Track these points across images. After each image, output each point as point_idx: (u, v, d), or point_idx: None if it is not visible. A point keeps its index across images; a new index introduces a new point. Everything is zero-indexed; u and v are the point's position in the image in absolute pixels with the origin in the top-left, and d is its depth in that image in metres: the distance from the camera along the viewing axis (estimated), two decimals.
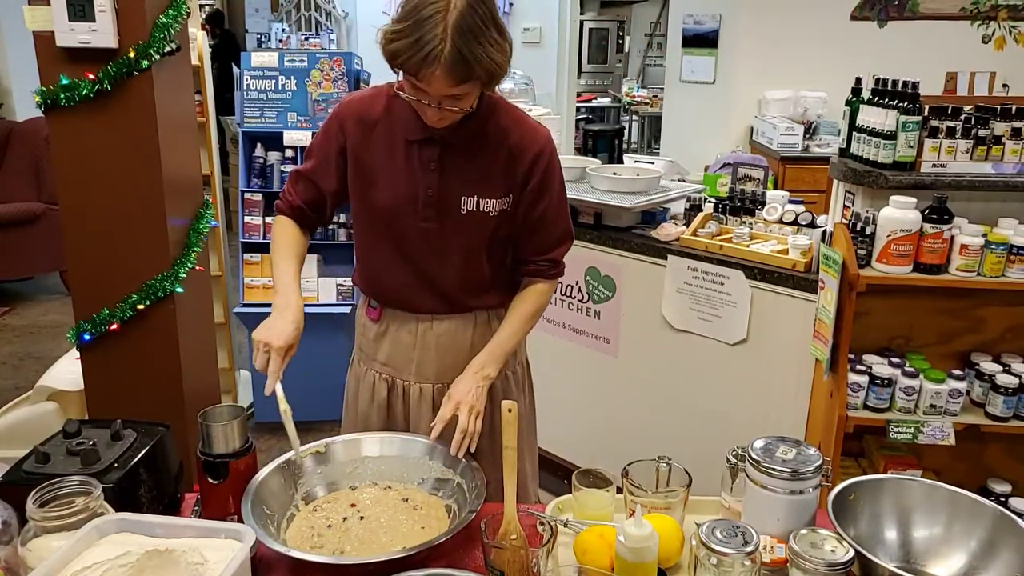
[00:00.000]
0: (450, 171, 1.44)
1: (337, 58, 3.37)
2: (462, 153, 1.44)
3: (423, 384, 1.57)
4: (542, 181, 1.49)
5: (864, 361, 2.04)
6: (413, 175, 1.44)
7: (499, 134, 1.45)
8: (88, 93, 2.06)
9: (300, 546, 1.19)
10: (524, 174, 1.47)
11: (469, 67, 1.24)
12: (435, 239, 1.47)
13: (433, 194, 1.44)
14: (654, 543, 1.04)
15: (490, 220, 1.47)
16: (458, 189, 1.44)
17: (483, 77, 1.28)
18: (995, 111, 2.03)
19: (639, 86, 9.45)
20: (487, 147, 1.45)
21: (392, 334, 1.57)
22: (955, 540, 1.14)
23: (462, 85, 1.27)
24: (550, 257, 1.55)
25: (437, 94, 1.28)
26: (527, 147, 1.46)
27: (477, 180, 1.45)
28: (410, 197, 1.45)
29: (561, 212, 1.55)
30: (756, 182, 2.83)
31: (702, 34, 5.02)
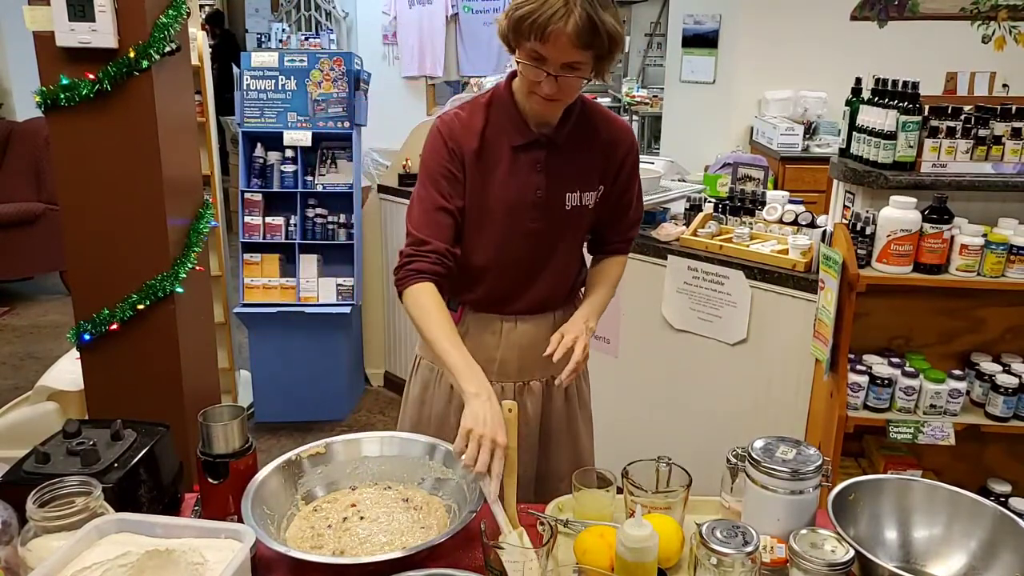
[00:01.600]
0: (554, 171, 1.49)
1: (337, 58, 3.37)
2: (564, 152, 1.50)
3: (504, 383, 1.59)
4: (631, 172, 1.59)
5: (864, 361, 2.04)
6: (521, 179, 1.48)
7: (593, 130, 1.52)
8: (88, 93, 2.06)
9: (300, 546, 1.19)
10: (616, 167, 1.56)
11: (595, 30, 1.27)
12: (542, 239, 1.52)
13: (542, 195, 1.49)
14: (654, 543, 1.04)
15: (588, 212, 1.55)
16: (563, 187, 1.50)
17: (604, 46, 1.31)
18: (995, 111, 2.03)
19: (639, 86, 9.43)
20: (584, 144, 1.52)
21: (474, 335, 1.58)
22: (955, 540, 1.14)
23: (584, 51, 1.30)
24: (628, 237, 1.67)
25: (558, 60, 1.31)
26: (619, 142, 1.55)
27: (578, 176, 1.52)
28: (519, 201, 1.49)
29: (639, 197, 1.66)
30: (756, 182, 2.83)
31: (702, 34, 5.02)
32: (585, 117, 1.53)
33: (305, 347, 3.44)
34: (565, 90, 1.37)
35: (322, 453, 1.36)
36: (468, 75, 5.96)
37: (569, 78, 1.34)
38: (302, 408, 3.52)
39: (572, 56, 1.31)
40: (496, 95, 1.50)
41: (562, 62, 1.31)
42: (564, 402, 1.66)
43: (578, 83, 1.37)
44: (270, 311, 3.36)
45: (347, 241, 3.46)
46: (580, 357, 1.45)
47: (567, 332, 1.48)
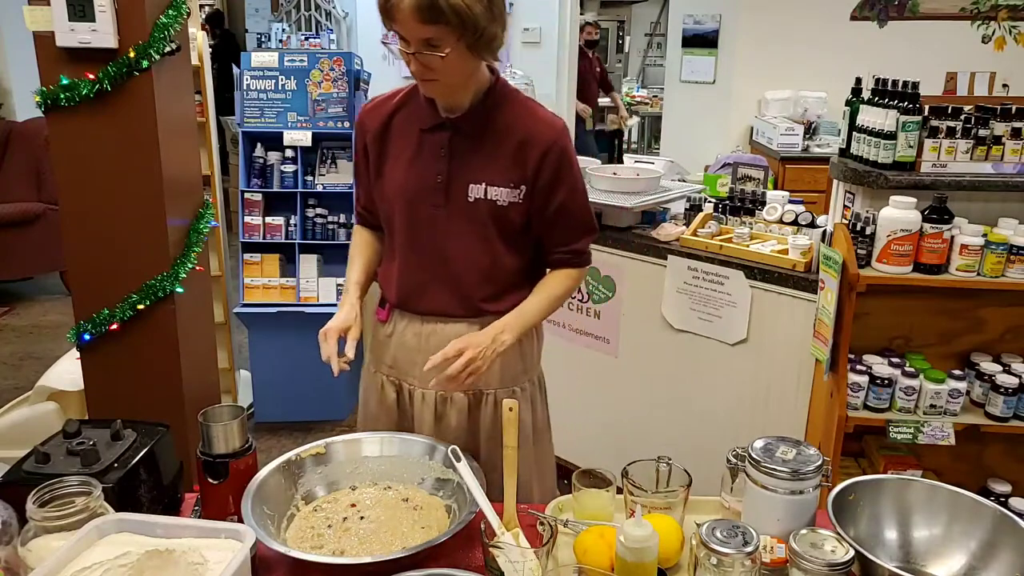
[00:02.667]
0: (458, 158, 1.46)
1: (337, 58, 3.37)
2: (471, 140, 1.46)
3: (426, 391, 1.55)
4: (555, 174, 1.47)
5: (864, 361, 2.04)
6: (424, 162, 1.47)
7: (509, 124, 1.46)
8: (88, 93, 2.06)
9: (300, 546, 1.19)
10: (535, 167, 1.46)
11: (435, 5, 1.24)
12: (444, 225, 1.48)
13: (442, 180, 1.46)
14: (654, 543, 1.04)
15: (500, 210, 1.47)
16: (466, 176, 1.46)
17: (453, 21, 1.26)
18: (995, 111, 2.03)
19: (639, 86, 9.45)
20: (496, 135, 1.46)
21: (398, 336, 1.57)
22: (955, 540, 1.14)
23: (431, 27, 1.27)
24: (572, 249, 1.56)
25: (411, 37, 1.29)
26: (538, 140, 1.45)
27: (485, 167, 1.46)
28: (420, 183, 1.47)
29: (580, 205, 1.53)
30: (756, 182, 2.83)
31: (702, 34, 5.02)
32: (503, 108, 1.46)
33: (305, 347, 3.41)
34: (435, 69, 1.33)
35: (322, 453, 1.36)
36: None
37: (429, 56, 1.30)
38: (302, 408, 3.52)
39: (422, 32, 1.28)
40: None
41: (416, 39, 1.29)
42: (493, 420, 1.55)
43: (448, 61, 1.31)
44: (270, 311, 3.36)
45: (347, 241, 3.44)
46: (455, 370, 1.37)
47: (467, 343, 1.40)
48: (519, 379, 1.59)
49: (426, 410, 1.55)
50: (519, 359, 1.58)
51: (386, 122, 1.52)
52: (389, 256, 1.59)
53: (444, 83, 1.38)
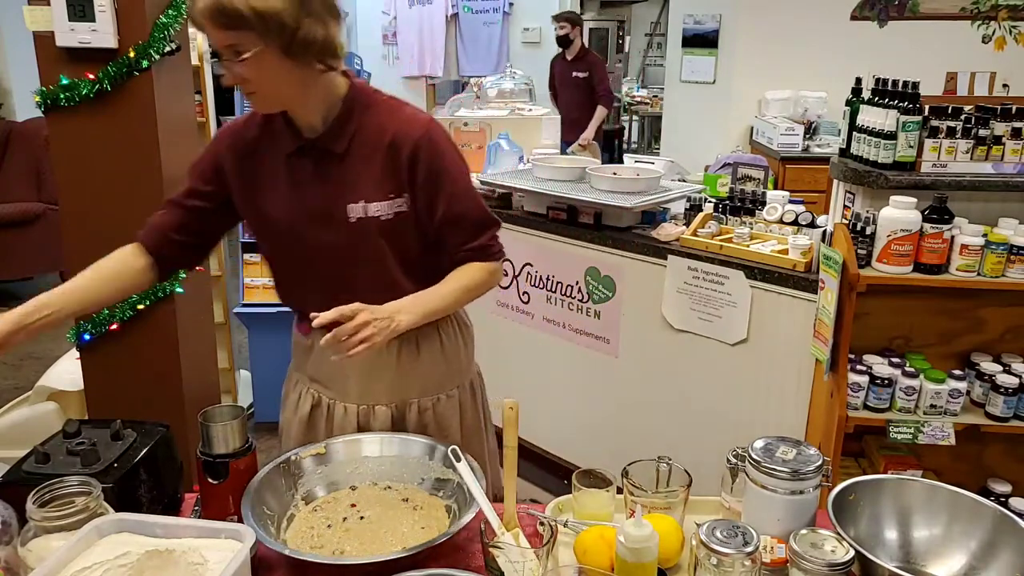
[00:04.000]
0: (330, 178, 1.37)
1: None
2: (339, 157, 1.37)
3: (348, 404, 1.51)
4: (430, 170, 1.37)
5: (864, 361, 2.04)
6: (298, 189, 1.38)
7: (376, 132, 1.36)
8: (88, 93, 2.07)
9: (300, 546, 1.19)
10: (408, 169, 1.36)
11: (223, 8, 1.17)
12: (333, 252, 1.40)
13: (319, 205, 1.37)
14: (654, 543, 1.04)
15: (386, 225, 1.38)
16: (342, 196, 1.37)
17: (253, 22, 1.18)
18: (995, 111, 2.03)
19: (639, 86, 9.45)
20: (365, 148, 1.37)
21: (318, 350, 1.47)
22: (955, 540, 1.14)
23: (232, 32, 1.19)
24: (474, 247, 1.44)
25: (218, 45, 1.22)
26: (404, 140, 1.35)
27: (359, 183, 1.37)
28: (298, 212, 1.38)
29: (468, 198, 1.43)
30: (756, 182, 2.83)
31: (702, 34, 5.03)
32: (365, 115, 1.37)
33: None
34: (251, 80, 1.24)
35: (322, 453, 1.36)
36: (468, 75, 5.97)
37: (241, 61, 1.22)
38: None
39: (225, 39, 1.21)
40: None
41: (221, 47, 1.22)
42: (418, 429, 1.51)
43: (257, 68, 1.23)
44: (270, 311, 3.36)
45: None
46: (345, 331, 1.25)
47: (358, 309, 1.27)
48: (444, 385, 1.55)
49: (348, 424, 1.51)
50: (442, 363, 1.54)
51: (248, 150, 1.41)
52: (284, 279, 1.52)
53: (267, 95, 1.29)
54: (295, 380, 1.59)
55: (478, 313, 3.34)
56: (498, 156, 3.24)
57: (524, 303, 3.01)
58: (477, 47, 5.98)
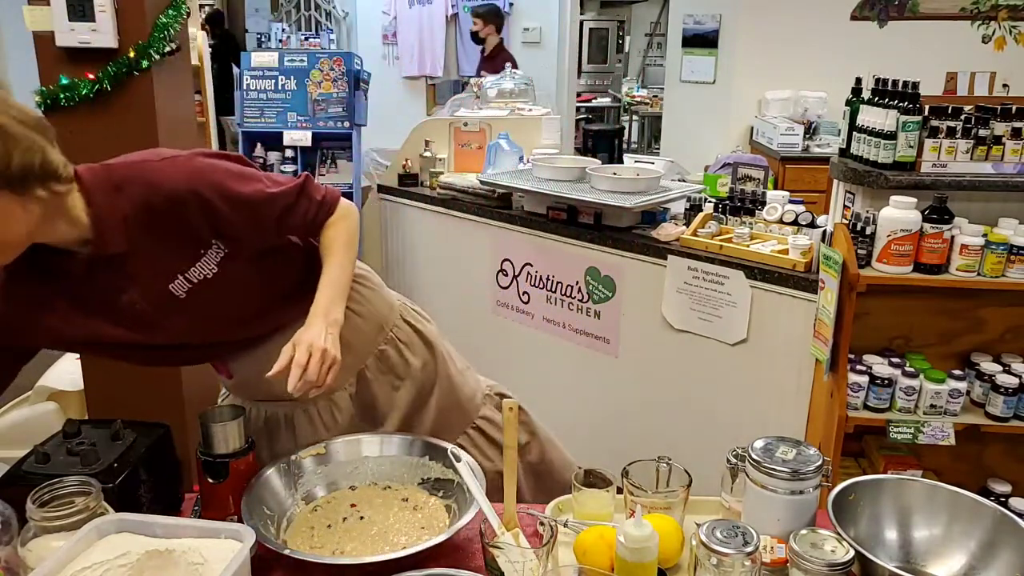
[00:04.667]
0: (135, 277, 1.25)
1: (337, 58, 3.37)
2: (128, 254, 1.22)
3: (306, 407, 1.48)
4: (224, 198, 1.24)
5: (864, 361, 2.04)
6: (108, 310, 1.25)
7: (139, 205, 1.21)
8: (88, 93, 2.06)
9: (300, 546, 1.19)
10: (205, 217, 1.24)
11: None
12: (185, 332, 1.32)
13: (144, 305, 1.26)
14: (654, 543, 1.04)
15: (219, 278, 1.28)
16: (155, 285, 1.25)
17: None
18: (995, 111, 2.03)
19: (639, 86, 9.45)
20: (141, 228, 1.22)
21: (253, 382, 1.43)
22: (955, 540, 1.14)
23: None
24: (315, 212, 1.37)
25: None
26: (179, 194, 1.21)
27: (166, 263, 1.26)
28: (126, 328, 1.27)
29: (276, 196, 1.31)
30: (756, 182, 2.83)
31: (702, 34, 5.03)
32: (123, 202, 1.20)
33: None
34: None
35: (322, 453, 1.36)
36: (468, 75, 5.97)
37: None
38: None
39: None
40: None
41: None
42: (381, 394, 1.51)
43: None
44: None
45: None
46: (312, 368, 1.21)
47: (299, 342, 1.23)
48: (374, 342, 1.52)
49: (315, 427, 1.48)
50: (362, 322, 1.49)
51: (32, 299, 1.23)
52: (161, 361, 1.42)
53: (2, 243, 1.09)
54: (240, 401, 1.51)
55: (478, 313, 3.36)
56: (498, 156, 3.24)
57: (524, 303, 3.01)
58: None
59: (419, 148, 3.48)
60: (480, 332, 3.24)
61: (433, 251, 3.32)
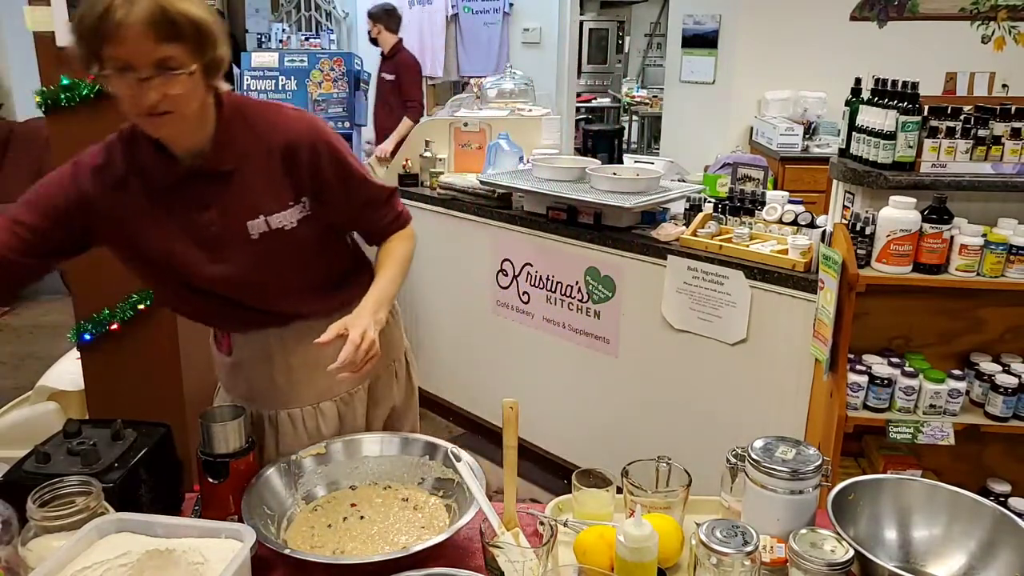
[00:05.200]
0: (221, 200, 1.29)
1: (337, 58, 3.37)
2: (226, 176, 1.28)
3: (291, 410, 1.47)
4: (334, 163, 1.35)
5: (864, 361, 2.04)
6: (183, 220, 1.29)
7: (262, 140, 1.30)
8: (88, 93, 2.07)
9: (300, 546, 1.19)
10: (310, 170, 1.32)
11: (167, 16, 1.10)
12: (243, 277, 1.33)
13: (217, 230, 1.29)
14: (654, 543, 1.04)
15: (289, 235, 1.33)
16: (239, 216, 1.29)
17: (192, 37, 1.13)
18: (995, 111, 2.03)
19: (639, 86, 9.45)
20: (254, 160, 1.29)
21: (247, 366, 1.46)
22: (955, 540, 1.14)
23: (168, 45, 1.12)
24: (392, 216, 1.48)
25: (145, 61, 1.11)
26: (299, 142, 1.31)
27: (256, 198, 1.30)
28: (190, 244, 1.30)
29: (370, 180, 1.43)
30: (756, 182, 2.83)
31: (702, 34, 5.02)
32: (247, 128, 1.29)
33: None
34: (173, 98, 1.15)
35: (322, 453, 1.36)
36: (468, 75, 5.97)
37: (168, 79, 1.13)
38: None
39: (156, 52, 1.11)
40: (136, 130, 1.28)
41: (150, 62, 1.12)
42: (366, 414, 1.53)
43: (184, 85, 1.15)
44: None
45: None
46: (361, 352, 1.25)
47: (352, 325, 1.28)
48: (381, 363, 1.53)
49: (299, 432, 1.48)
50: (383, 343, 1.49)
51: (118, 187, 1.28)
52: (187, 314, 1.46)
53: (183, 117, 1.19)
54: (230, 400, 1.52)
55: (478, 313, 3.36)
56: (498, 156, 3.24)
57: (524, 303, 3.01)
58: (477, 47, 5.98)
59: (420, 148, 3.49)
60: (480, 332, 3.24)
61: (433, 251, 3.32)
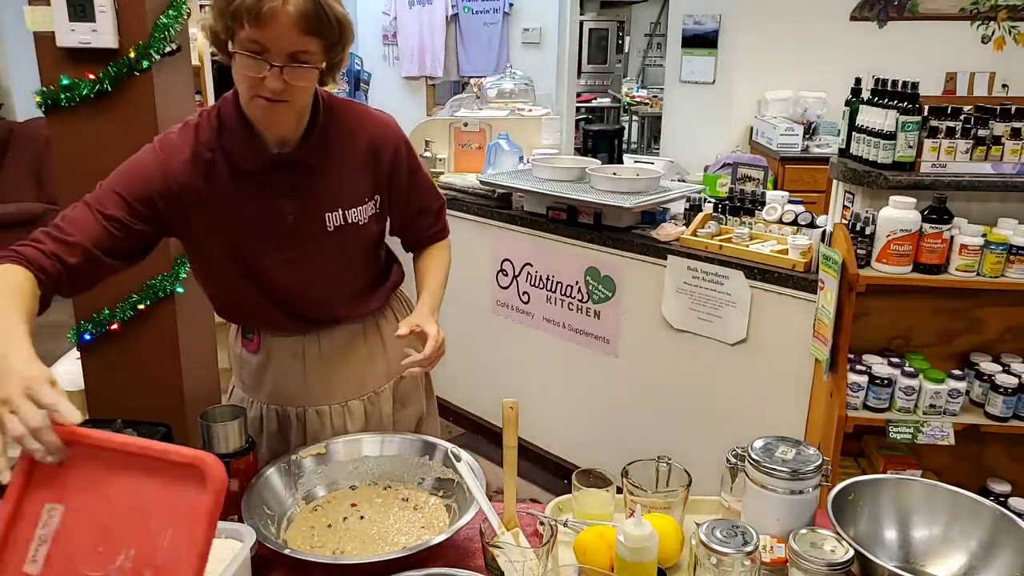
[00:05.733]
0: (306, 191, 1.33)
1: None
2: (314, 168, 1.33)
3: (319, 407, 1.49)
4: (409, 169, 1.45)
5: (864, 361, 2.04)
6: (265, 206, 1.32)
7: (349, 137, 1.36)
8: (88, 93, 2.06)
9: (300, 546, 1.19)
10: (389, 171, 1.41)
11: (321, 13, 1.15)
12: (301, 264, 1.37)
13: (293, 220, 1.33)
14: (654, 543, 1.04)
15: (361, 229, 1.39)
16: (320, 207, 1.34)
17: (334, 33, 1.19)
18: (994, 111, 2.03)
19: (639, 86, 9.45)
20: (341, 155, 1.35)
21: (276, 365, 1.47)
22: (955, 540, 1.14)
23: (310, 38, 1.17)
24: (437, 228, 1.57)
25: (281, 49, 1.15)
26: (383, 145, 1.39)
27: (338, 192, 1.35)
28: (266, 230, 1.33)
29: (434, 188, 1.55)
30: (756, 182, 2.83)
31: (702, 34, 5.02)
32: (336, 124, 1.35)
33: None
34: (294, 89, 1.19)
35: (322, 453, 1.36)
36: (468, 75, 5.97)
37: (298, 70, 1.18)
38: None
39: (297, 43, 1.16)
40: (224, 113, 1.30)
41: (287, 51, 1.16)
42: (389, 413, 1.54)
43: (309, 79, 1.21)
44: None
45: None
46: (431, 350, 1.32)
47: (426, 323, 1.35)
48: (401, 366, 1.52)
49: (325, 430, 1.49)
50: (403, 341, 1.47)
51: (205, 172, 1.29)
52: (227, 295, 1.45)
53: (296, 109, 1.25)
54: (249, 400, 1.52)
55: (478, 313, 3.36)
56: (498, 156, 3.24)
57: (524, 303, 3.01)
58: (477, 47, 5.98)
59: (419, 148, 3.49)
60: (480, 332, 3.24)
61: None
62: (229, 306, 1.47)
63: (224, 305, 1.48)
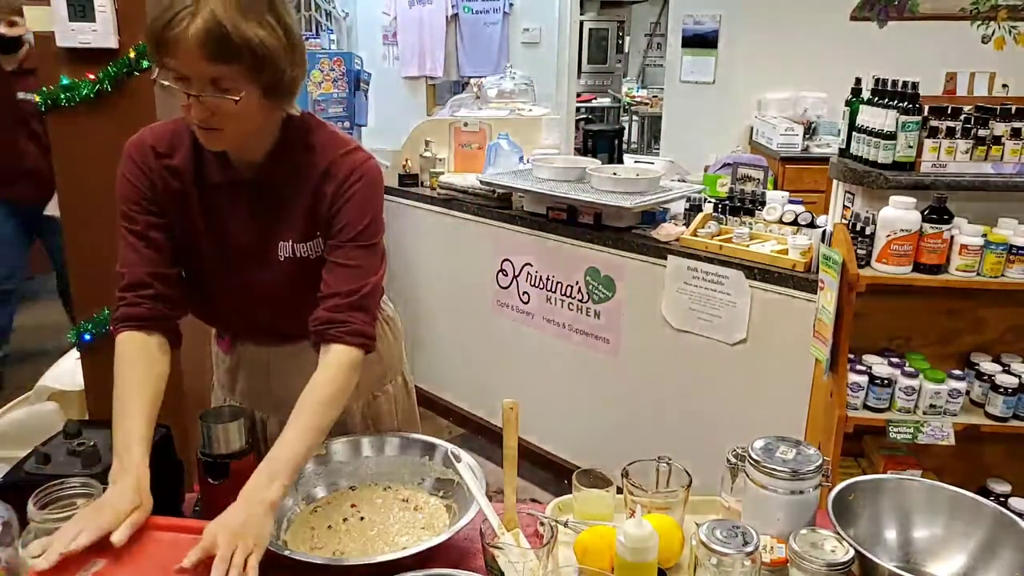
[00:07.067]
0: (264, 215, 1.28)
1: (337, 58, 3.37)
2: (274, 193, 1.27)
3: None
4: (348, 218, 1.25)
5: (864, 361, 2.04)
6: (225, 223, 1.29)
7: (313, 166, 1.26)
8: (88, 93, 2.07)
9: (300, 547, 1.19)
10: (330, 200, 1.26)
11: (226, 40, 1.05)
12: (262, 290, 1.32)
13: (248, 241, 1.29)
14: (654, 543, 1.04)
15: (311, 264, 1.30)
16: (273, 234, 1.29)
17: (247, 60, 1.08)
18: (995, 111, 2.03)
19: (639, 86, 9.45)
20: (297, 184, 1.27)
21: (245, 368, 1.47)
22: (955, 540, 1.14)
23: (221, 66, 1.08)
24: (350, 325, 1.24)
25: (200, 76, 1.08)
26: (335, 173, 1.26)
27: (288, 223, 1.28)
28: (225, 247, 1.30)
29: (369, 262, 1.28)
30: (756, 182, 2.83)
31: (702, 34, 5.02)
32: (305, 152, 1.26)
33: None
34: (222, 116, 1.12)
35: (322, 453, 1.36)
36: (468, 75, 5.97)
37: (219, 99, 1.10)
38: None
39: (208, 71, 1.07)
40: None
41: (205, 78, 1.08)
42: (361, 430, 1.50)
43: (239, 107, 1.11)
44: None
45: None
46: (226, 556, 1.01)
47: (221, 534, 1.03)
48: (375, 385, 1.53)
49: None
50: (376, 362, 1.47)
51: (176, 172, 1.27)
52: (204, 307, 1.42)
53: (232, 135, 1.17)
54: (223, 399, 1.53)
55: (478, 313, 3.36)
56: (498, 156, 3.24)
57: (524, 303, 3.01)
58: (477, 47, 5.97)
59: (420, 148, 3.49)
60: (480, 332, 3.24)
61: (433, 251, 3.32)
62: (195, 306, 1.44)
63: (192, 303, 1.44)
